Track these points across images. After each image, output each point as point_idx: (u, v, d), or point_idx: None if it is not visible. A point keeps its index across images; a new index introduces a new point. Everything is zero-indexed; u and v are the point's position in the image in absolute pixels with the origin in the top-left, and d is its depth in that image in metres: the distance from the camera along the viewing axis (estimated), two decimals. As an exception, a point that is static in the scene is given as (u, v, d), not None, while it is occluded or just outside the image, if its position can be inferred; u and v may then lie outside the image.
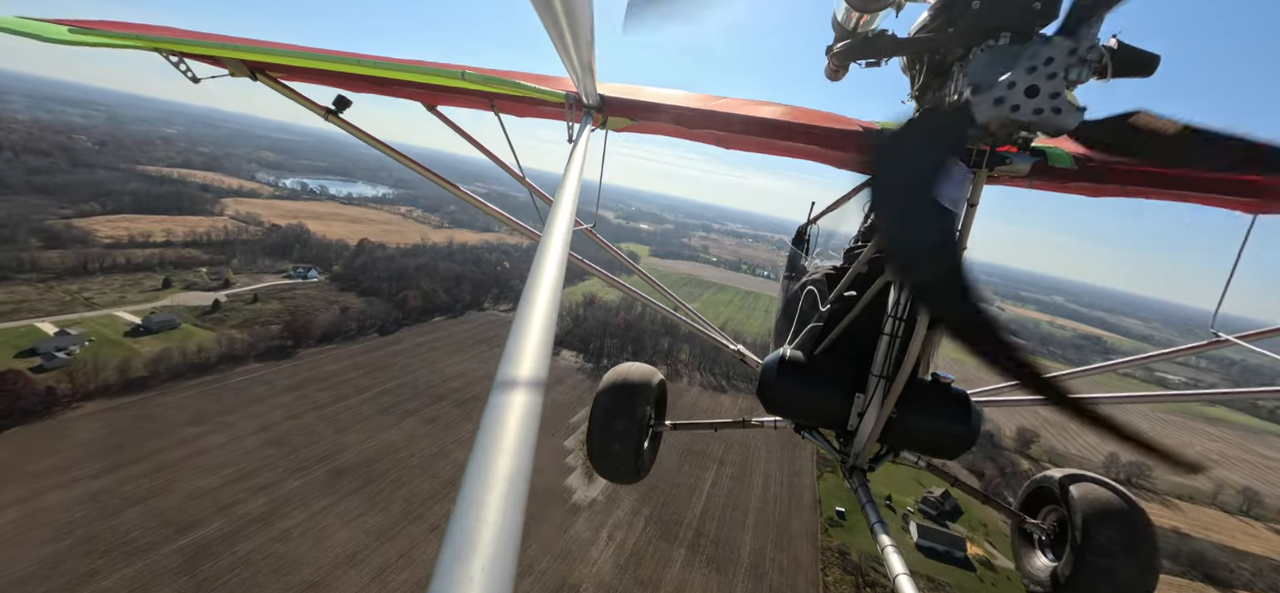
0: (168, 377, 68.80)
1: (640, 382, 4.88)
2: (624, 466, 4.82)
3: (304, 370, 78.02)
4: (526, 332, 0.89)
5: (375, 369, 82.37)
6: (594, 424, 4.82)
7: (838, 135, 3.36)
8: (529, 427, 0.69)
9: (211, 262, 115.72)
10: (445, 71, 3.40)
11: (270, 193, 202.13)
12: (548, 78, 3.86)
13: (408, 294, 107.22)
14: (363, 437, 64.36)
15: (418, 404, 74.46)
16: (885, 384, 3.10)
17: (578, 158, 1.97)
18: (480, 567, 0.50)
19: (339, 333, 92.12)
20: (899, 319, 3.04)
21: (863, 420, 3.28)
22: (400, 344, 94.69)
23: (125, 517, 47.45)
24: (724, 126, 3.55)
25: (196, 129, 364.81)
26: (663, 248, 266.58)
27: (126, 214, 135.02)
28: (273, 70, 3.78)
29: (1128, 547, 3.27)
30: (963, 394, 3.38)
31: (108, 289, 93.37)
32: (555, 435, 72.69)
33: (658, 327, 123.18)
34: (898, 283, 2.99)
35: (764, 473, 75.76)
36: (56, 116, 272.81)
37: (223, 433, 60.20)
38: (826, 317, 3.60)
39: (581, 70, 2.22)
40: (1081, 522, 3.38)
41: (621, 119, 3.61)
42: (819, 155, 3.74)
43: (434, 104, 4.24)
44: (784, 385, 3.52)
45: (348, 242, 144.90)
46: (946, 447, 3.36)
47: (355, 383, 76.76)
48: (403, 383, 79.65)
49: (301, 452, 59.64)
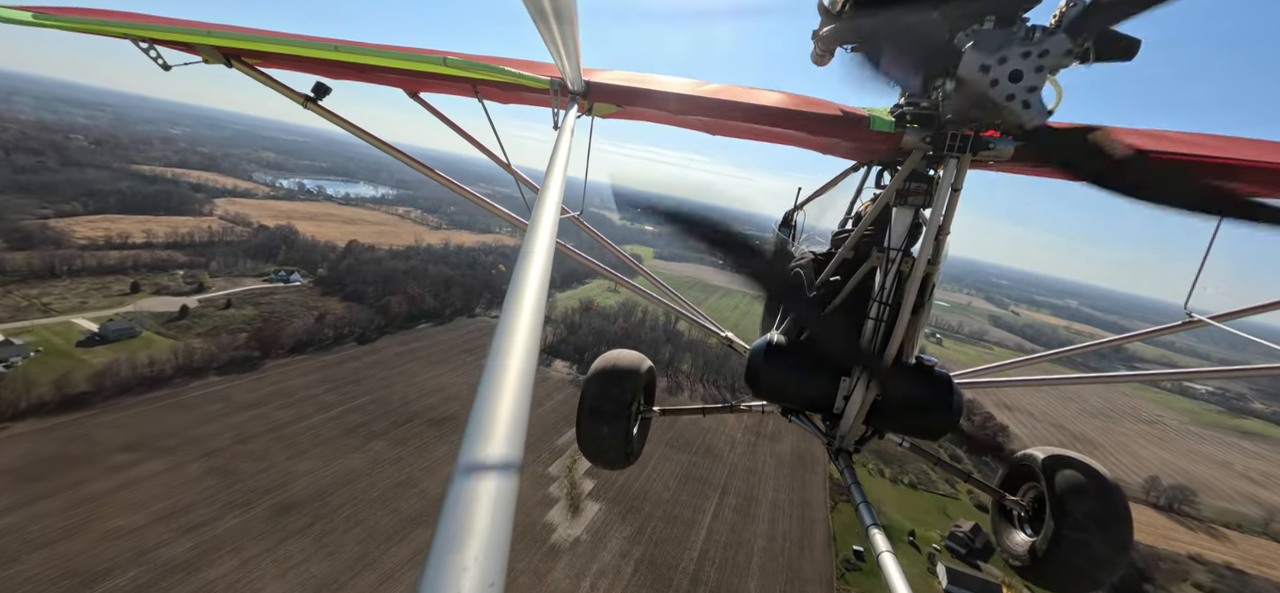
0: (113, 392, 62.58)
1: (629, 368, 4.86)
2: (613, 451, 4.78)
3: (267, 385, 71.56)
4: (516, 317, 0.89)
5: (346, 383, 75.73)
6: (583, 410, 4.75)
7: (825, 120, 3.25)
8: (520, 412, 0.69)
9: (190, 264, 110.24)
10: (427, 57, 3.36)
11: (265, 193, 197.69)
12: (532, 63, 3.75)
13: (391, 300, 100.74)
14: (319, 463, 57.54)
15: (387, 423, 67.59)
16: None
17: (563, 144, 1.96)
18: (474, 556, 0.50)
19: (313, 342, 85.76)
20: (884, 303, 3.17)
21: (849, 403, 3.39)
22: (379, 354, 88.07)
23: (26, 563, 40.89)
24: (711, 113, 3.46)
25: (201, 129, 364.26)
26: (668, 249, 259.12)
27: (109, 214, 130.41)
28: (249, 57, 3.71)
29: (1102, 523, 3.35)
30: (945, 376, 3.47)
31: (71, 294, 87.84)
32: (537, 460, 65.46)
33: (658, 335, 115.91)
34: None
35: (771, 503, 67.86)
36: (60, 116, 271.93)
37: (160, 460, 53.68)
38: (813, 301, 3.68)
39: (566, 55, 2.25)
40: (1059, 498, 3.48)
41: (607, 105, 3.56)
42: (806, 142, 3.66)
43: (416, 91, 4.18)
44: (771, 370, 3.58)
45: (338, 243, 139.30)
46: (930, 428, 3.49)
47: (321, 400, 70.08)
48: (375, 399, 72.88)
49: (247, 482, 52.93)
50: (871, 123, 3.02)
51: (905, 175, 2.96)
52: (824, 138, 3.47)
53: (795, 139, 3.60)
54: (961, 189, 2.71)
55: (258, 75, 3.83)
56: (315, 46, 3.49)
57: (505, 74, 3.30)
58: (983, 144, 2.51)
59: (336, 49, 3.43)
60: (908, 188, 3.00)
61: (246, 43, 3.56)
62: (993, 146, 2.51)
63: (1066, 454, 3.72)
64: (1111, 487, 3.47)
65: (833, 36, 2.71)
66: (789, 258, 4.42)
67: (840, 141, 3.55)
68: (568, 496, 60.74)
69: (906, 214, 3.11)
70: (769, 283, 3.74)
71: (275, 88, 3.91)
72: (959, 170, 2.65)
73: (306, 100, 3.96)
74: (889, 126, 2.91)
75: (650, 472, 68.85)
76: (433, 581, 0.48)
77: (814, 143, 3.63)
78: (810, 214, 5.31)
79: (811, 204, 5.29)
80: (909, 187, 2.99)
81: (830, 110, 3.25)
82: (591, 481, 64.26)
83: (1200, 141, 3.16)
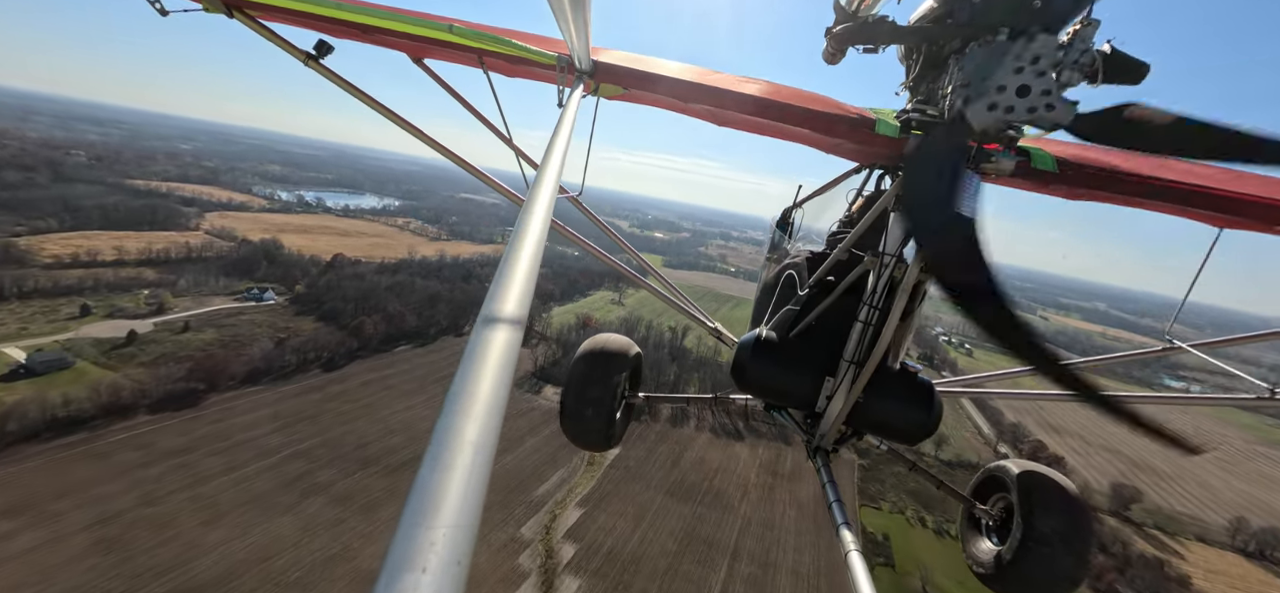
0: (16, 438, 53.52)
1: (617, 351, 4.86)
2: (596, 432, 4.79)
3: (204, 425, 62.01)
4: (504, 295, 0.88)
5: (297, 421, 65.87)
6: (569, 389, 4.79)
7: (831, 120, 3.22)
8: (499, 392, 0.69)
9: (157, 283, 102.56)
10: (433, 23, 3.34)
11: (262, 205, 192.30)
12: (540, 38, 3.74)
13: (365, 320, 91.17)
14: (236, 531, 47.33)
15: (334, 473, 57.33)
16: (855, 370, 3.24)
17: (567, 123, 1.94)
18: (442, 531, 0.50)
19: (270, 371, 76.38)
20: (874, 307, 3.16)
21: (831, 403, 3.43)
22: (345, 383, 78.31)
23: None
24: (717, 102, 3.39)
25: (215, 144, 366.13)
26: (677, 257, 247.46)
27: (87, 230, 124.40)
28: (251, 8, 3.62)
29: (1067, 538, 3.42)
30: (928, 384, 3.50)
31: (13, 319, 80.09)
32: (509, 518, 54.41)
33: (663, 355, 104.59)
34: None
35: (792, 570, 55.64)
36: (73, 134, 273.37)
37: (40, 529, 44.02)
38: (804, 300, 3.70)
39: (577, 32, 2.23)
40: (1026, 511, 3.55)
41: (614, 87, 3.52)
42: (811, 139, 3.62)
43: (420, 57, 4.08)
44: (756, 365, 3.62)
45: (326, 257, 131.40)
46: (908, 432, 3.52)
47: (262, 443, 60.21)
48: (326, 440, 62.80)
49: (138, 560, 42.89)
50: (877, 126, 2.98)
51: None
52: (829, 137, 3.41)
53: (800, 136, 3.56)
54: None
55: (259, 28, 3.73)
56: (320, 3, 3.44)
57: (512, 47, 3.26)
58: (985, 157, 2.48)
59: (341, 7, 3.42)
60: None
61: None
62: (994, 160, 2.48)
63: (1037, 469, 3.80)
64: (1079, 504, 3.58)
65: (846, 36, 2.71)
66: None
67: (844, 142, 3.45)
68: (541, 567, 49.52)
69: (904, 220, 3.07)
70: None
71: (276, 42, 3.85)
72: None
73: (308, 57, 3.87)
74: (894, 132, 2.90)
75: (646, 530, 57.31)
76: (399, 554, 0.47)
77: (819, 141, 3.57)
78: (808, 213, 5.47)
79: (810, 203, 5.42)
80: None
81: (837, 110, 3.22)
82: (572, 545, 52.97)
83: (1207, 174, 3.27)
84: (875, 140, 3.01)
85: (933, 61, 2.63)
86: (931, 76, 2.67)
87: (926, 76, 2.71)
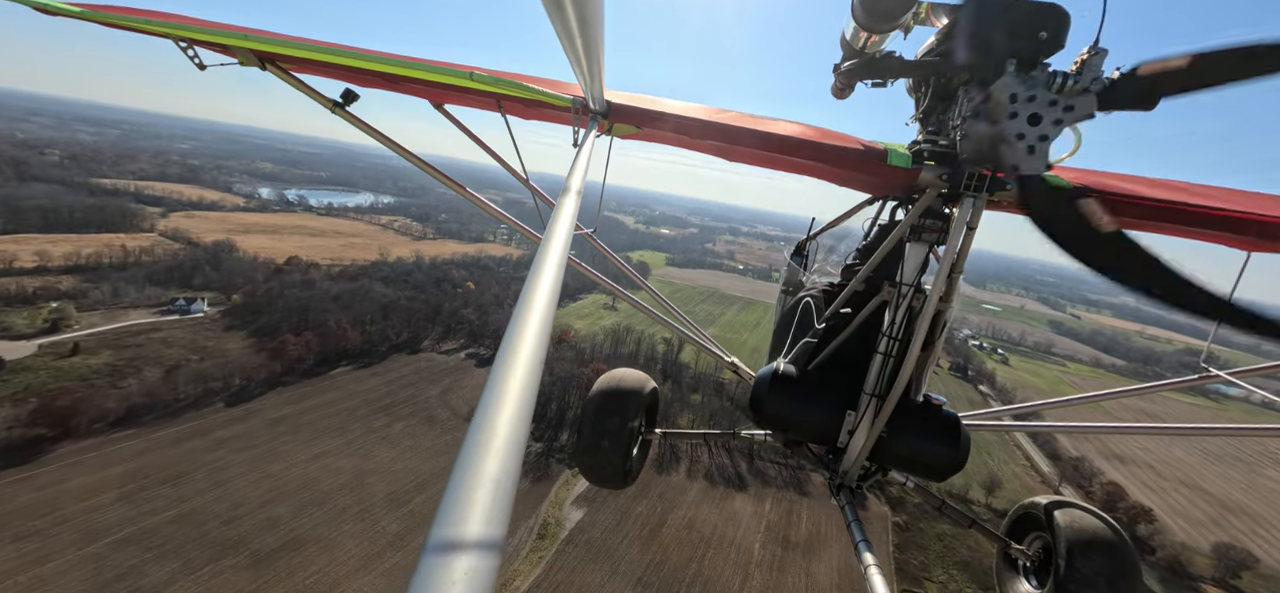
0: None
1: (633, 388, 4.87)
2: (611, 468, 4.67)
3: (29, 490, 47.27)
4: (522, 334, 0.89)
5: (162, 480, 50.83)
6: (584, 424, 4.75)
7: (842, 153, 3.26)
8: (519, 429, 0.70)
9: (71, 294, 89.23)
10: (454, 71, 3.47)
11: (235, 205, 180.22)
12: (555, 82, 3.89)
13: (287, 339, 76.05)
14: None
15: (175, 568, 41.85)
16: (877, 403, 3.19)
17: (582, 162, 2.01)
18: (463, 571, 0.49)
19: (153, 408, 61.67)
20: (894, 338, 3.12)
21: (853, 438, 3.37)
22: (246, 422, 63.21)
23: None
24: (727, 138, 3.47)
25: (215, 143, 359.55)
26: (682, 256, 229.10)
27: (22, 233, 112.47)
28: (282, 61, 3.81)
29: (1111, 579, 3.29)
30: (953, 417, 3.43)
31: None
32: (400, 644, 38.34)
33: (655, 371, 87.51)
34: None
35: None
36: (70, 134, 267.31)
37: None
38: (821, 332, 3.70)
39: (590, 75, 2.30)
40: (1066, 551, 3.42)
41: (627, 126, 3.66)
42: (822, 172, 3.71)
43: (441, 102, 4.33)
44: (775, 399, 3.59)
45: (281, 261, 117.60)
46: (935, 468, 3.43)
47: (97, 519, 45.16)
48: (186, 512, 47.54)
49: None
50: (889, 157, 3.00)
51: (919, 212, 2.96)
52: (841, 170, 3.47)
53: (812, 170, 3.65)
54: (977, 228, 2.73)
55: (290, 79, 3.89)
56: (346, 55, 3.59)
57: (529, 91, 3.36)
58: (999, 185, 2.51)
59: (367, 58, 3.55)
60: (922, 224, 3.00)
61: (280, 47, 3.63)
62: (1009, 187, 2.49)
63: (1075, 504, 3.68)
64: (1122, 543, 3.43)
65: (855, 72, 2.74)
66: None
67: (857, 175, 3.52)
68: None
69: (920, 250, 3.10)
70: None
71: (306, 91, 4.01)
72: (975, 210, 2.64)
73: (335, 105, 4.02)
74: (906, 162, 2.92)
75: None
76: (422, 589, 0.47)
77: (830, 174, 3.65)
78: (823, 245, 5.57)
79: (825, 235, 5.54)
80: (923, 223, 2.99)
81: (848, 143, 3.26)
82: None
83: (1232, 198, 3.18)
84: (888, 172, 3.02)
85: (941, 94, 2.71)
86: (940, 109, 2.75)
87: (936, 108, 2.78)
